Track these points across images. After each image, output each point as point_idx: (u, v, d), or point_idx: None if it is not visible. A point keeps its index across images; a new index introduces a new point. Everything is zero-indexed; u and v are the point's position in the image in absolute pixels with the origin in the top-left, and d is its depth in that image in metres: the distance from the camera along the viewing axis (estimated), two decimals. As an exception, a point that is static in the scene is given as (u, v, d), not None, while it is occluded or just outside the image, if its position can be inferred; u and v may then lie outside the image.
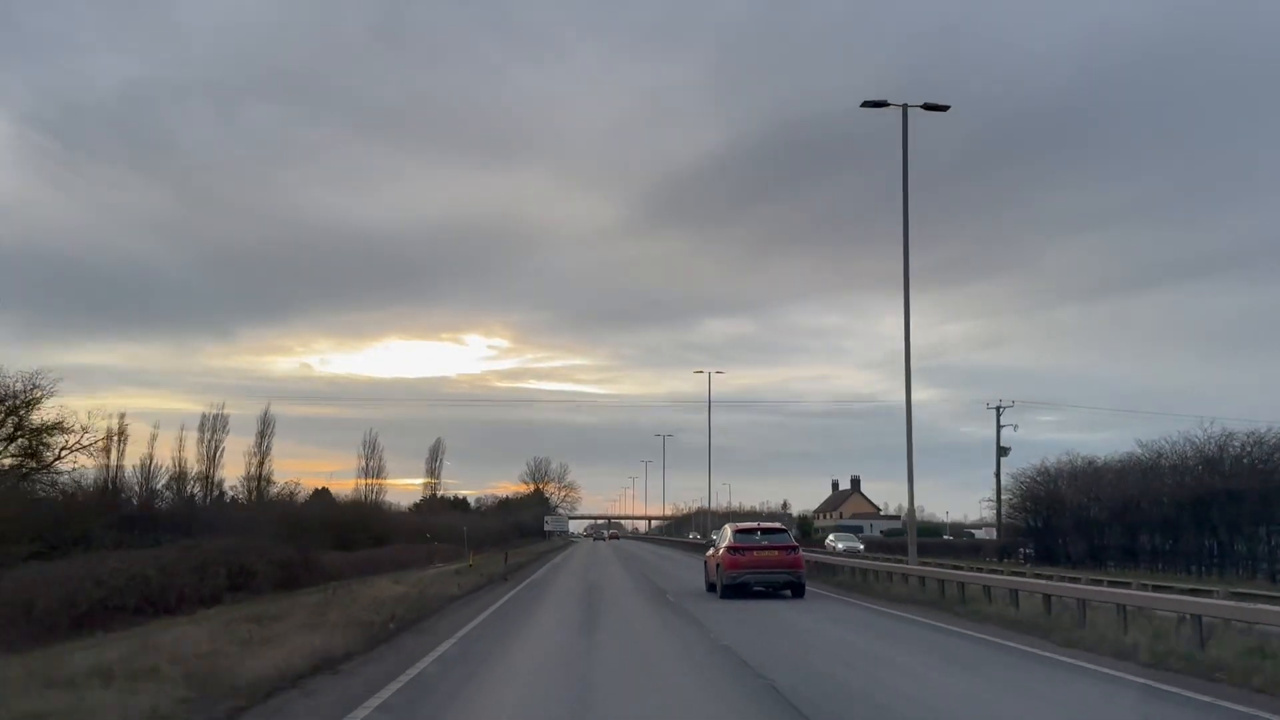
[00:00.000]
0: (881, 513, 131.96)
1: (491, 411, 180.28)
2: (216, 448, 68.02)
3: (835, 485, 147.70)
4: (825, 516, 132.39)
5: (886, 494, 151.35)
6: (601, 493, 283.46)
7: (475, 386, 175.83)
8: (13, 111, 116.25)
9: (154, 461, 61.00)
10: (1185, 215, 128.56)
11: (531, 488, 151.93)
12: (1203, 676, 11.50)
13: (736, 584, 23.83)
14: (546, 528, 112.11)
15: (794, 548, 25.40)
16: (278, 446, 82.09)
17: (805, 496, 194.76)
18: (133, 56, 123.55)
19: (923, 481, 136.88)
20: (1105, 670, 12.20)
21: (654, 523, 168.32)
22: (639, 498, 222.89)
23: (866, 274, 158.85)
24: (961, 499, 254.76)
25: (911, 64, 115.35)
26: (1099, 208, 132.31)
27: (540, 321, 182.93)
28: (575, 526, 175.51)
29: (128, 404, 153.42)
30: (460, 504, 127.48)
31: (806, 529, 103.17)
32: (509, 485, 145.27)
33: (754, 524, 29.20)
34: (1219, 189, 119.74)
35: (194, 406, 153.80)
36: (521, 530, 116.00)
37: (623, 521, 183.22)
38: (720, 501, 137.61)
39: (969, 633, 16.43)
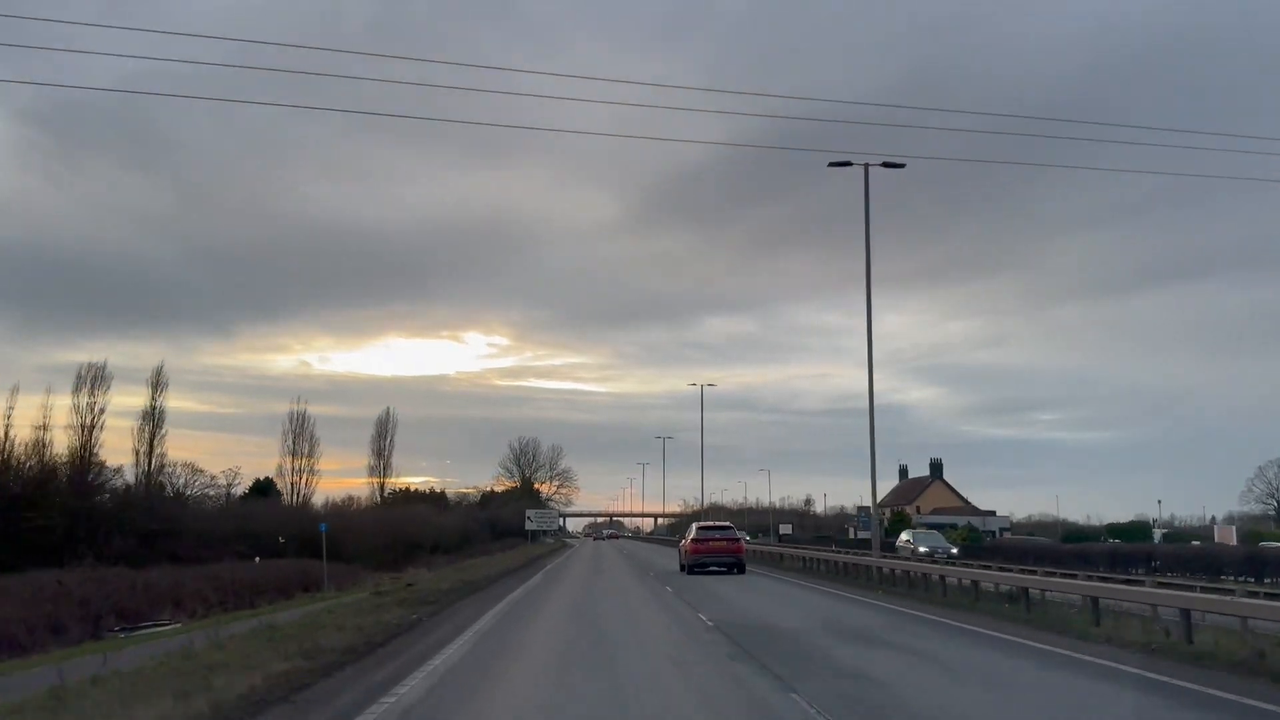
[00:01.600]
0: (974, 508, 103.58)
1: (491, 410, 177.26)
2: (93, 423, 51.19)
3: (904, 472, 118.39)
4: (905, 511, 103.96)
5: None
6: (602, 491, 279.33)
7: (475, 385, 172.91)
8: (8, 107, 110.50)
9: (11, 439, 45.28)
10: (1187, 213, 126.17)
11: (514, 484, 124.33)
12: None
13: (697, 564, 32.93)
14: (529, 526, 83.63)
15: (737, 540, 34.98)
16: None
17: (834, 494, 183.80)
18: (128, 51, 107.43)
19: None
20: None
21: (661, 520, 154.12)
22: (640, 495, 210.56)
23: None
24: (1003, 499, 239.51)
25: (912, 59, 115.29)
26: (1101, 206, 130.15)
27: (540, 319, 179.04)
28: (573, 525, 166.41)
29: (124, 402, 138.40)
30: (431, 499, 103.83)
31: (901, 525, 74.15)
32: (508, 483, 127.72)
33: (710, 523, 40.92)
34: (1221, 187, 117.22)
35: (193, 405, 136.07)
36: (497, 530, 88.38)
37: (624, 519, 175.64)
38: (734, 498, 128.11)
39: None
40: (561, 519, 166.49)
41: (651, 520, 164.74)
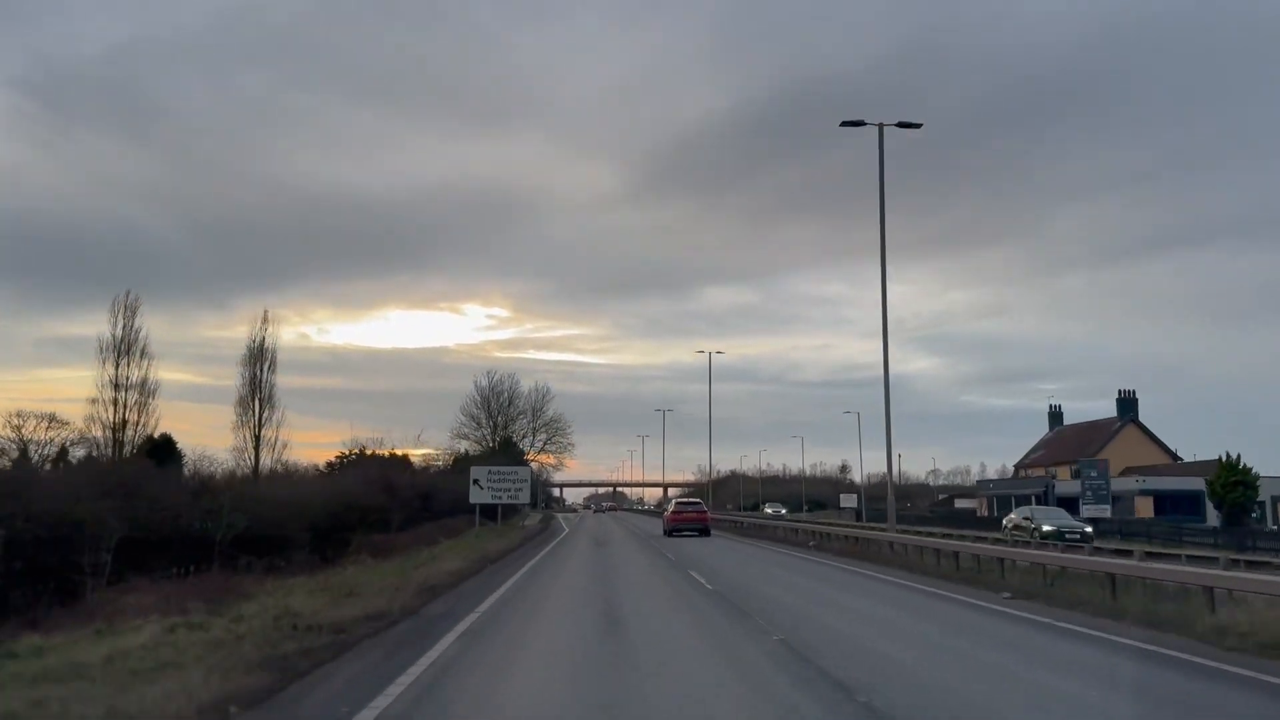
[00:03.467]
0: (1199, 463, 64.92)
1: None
2: None
3: (1056, 416, 78.57)
4: (1075, 475, 64.30)
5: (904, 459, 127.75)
6: (602, 463, 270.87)
7: (474, 356, 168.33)
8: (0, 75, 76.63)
9: None
10: (1194, 181, 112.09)
11: (484, 444, 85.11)
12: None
13: (674, 529, 42.96)
14: (476, 498, 44.22)
15: (704, 511, 45.40)
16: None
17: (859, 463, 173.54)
18: (121, 19, 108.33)
19: (929, 449, 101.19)
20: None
21: (671, 490, 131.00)
22: (643, 465, 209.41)
23: (868, 242, 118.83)
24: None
25: (917, 25, 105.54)
26: (1107, 173, 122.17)
27: (540, 291, 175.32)
28: (572, 496, 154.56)
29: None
30: (393, 463, 68.14)
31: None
32: (474, 441, 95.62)
33: (685, 497, 53.88)
34: (1228, 154, 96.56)
35: (191, 378, 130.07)
36: (432, 509, 49.57)
37: (627, 490, 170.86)
38: (768, 462, 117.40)
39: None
40: (558, 490, 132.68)
41: (661, 490, 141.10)
